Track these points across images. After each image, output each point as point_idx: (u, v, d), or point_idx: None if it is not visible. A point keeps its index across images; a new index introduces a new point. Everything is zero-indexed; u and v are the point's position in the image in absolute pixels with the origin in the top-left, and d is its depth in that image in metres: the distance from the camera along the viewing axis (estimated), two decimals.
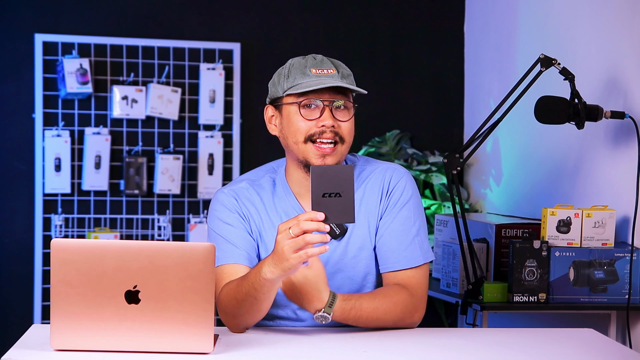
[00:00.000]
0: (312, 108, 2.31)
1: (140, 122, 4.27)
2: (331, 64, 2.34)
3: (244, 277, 2.22)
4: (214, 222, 2.39)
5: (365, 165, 2.44)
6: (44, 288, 4.17)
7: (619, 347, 2.29)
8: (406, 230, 2.37)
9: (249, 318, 2.25)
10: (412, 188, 2.41)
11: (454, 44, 4.57)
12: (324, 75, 2.31)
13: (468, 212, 4.14)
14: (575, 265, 3.08)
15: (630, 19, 3.19)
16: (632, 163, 3.12)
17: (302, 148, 2.32)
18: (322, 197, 2.04)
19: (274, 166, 2.47)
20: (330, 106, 2.31)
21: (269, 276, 2.11)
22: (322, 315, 2.20)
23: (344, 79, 2.32)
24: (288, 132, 2.34)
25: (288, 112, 2.34)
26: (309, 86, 2.29)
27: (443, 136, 4.57)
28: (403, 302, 2.30)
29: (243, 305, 2.21)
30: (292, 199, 2.39)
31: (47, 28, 4.21)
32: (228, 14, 4.40)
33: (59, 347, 2.00)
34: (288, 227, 2.05)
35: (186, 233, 4.33)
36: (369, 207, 2.39)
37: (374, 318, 2.27)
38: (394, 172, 2.41)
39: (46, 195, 4.20)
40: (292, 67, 2.34)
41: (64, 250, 1.97)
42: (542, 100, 3.08)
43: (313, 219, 2.04)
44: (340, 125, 2.32)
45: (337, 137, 2.31)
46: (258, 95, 4.41)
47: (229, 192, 2.41)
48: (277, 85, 2.36)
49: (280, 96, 2.36)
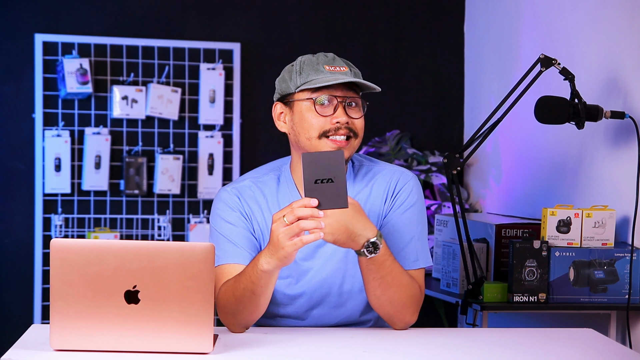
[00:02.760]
0: (325, 105, 2.31)
1: (140, 122, 4.27)
2: (342, 62, 2.34)
3: (241, 273, 2.22)
4: (216, 221, 2.39)
5: (373, 165, 2.44)
6: (44, 288, 4.17)
7: (619, 348, 2.29)
8: (408, 232, 2.37)
9: (247, 315, 2.24)
10: (419, 193, 2.41)
11: (454, 44, 4.57)
12: (337, 72, 2.31)
13: (468, 212, 4.14)
14: (575, 265, 3.08)
15: (630, 19, 3.19)
16: (632, 163, 3.12)
17: (316, 144, 2.31)
18: (315, 183, 2.06)
19: (278, 164, 2.46)
20: (343, 103, 2.31)
21: (266, 267, 2.12)
22: (373, 242, 2.16)
23: (355, 77, 2.32)
24: (300, 128, 2.33)
25: (300, 108, 2.33)
26: (325, 81, 2.28)
27: (443, 136, 4.57)
28: (415, 291, 2.31)
29: (241, 301, 2.21)
30: (296, 196, 2.38)
31: (47, 28, 4.21)
32: (228, 14, 4.40)
33: (59, 347, 2.00)
34: (282, 215, 2.06)
35: (186, 233, 4.33)
36: (374, 206, 2.39)
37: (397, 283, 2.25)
38: (401, 174, 2.41)
39: (46, 195, 4.20)
40: (303, 64, 2.34)
41: (63, 250, 1.97)
42: (542, 100, 3.08)
43: (307, 206, 2.05)
44: (354, 122, 2.32)
45: (351, 133, 2.31)
46: (258, 95, 4.41)
47: (231, 190, 2.40)
48: (289, 81, 2.34)
49: (291, 92, 2.34)
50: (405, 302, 2.30)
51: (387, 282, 2.25)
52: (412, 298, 2.31)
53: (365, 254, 2.18)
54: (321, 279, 2.37)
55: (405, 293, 2.29)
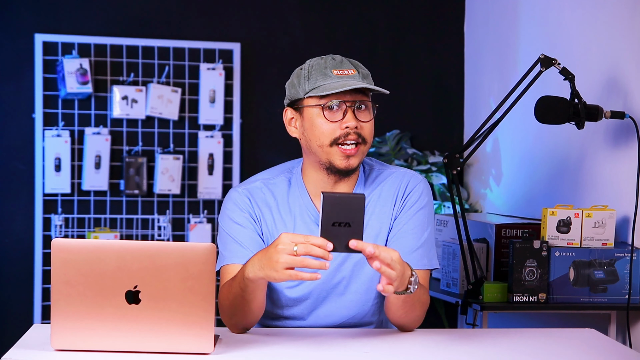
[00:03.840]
0: (334, 110, 2.30)
1: (140, 122, 4.27)
2: (351, 65, 2.33)
3: (234, 277, 2.22)
4: (225, 221, 2.38)
5: (383, 169, 2.44)
6: (44, 288, 4.17)
7: (620, 348, 2.29)
8: (418, 234, 2.37)
9: (241, 318, 2.25)
10: (428, 196, 2.41)
11: (454, 44, 4.57)
12: (345, 77, 2.30)
13: (468, 212, 4.14)
14: (575, 265, 3.08)
15: (630, 19, 3.19)
16: (632, 163, 3.12)
17: (327, 151, 2.30)
18: (332, 225, 2.03)
19: (289, 167, 2.45)
20: (352, 107, 2.30)
21: (251, 276, 2.10)
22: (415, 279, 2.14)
23: (364, 79, 2.31)
24: (312, 135, 2.32)
25: (310, 114, 2.32)
26: (332, 88, 2.27)
27: (443, 136, 4.57)
28: (427, 300, 2.33)
29: (234, 304, 2.22)
30: (306, 199, 2.38)
31: (47, 28, 4.21)
32: (228, 14, 4.40)
33: (60, 347, 2.00)
34: (293, 242, 2.02)
35: (186, 233, 4.33)
36: (384, 209, 2.39)
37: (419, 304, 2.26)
38: (411, 177, 2.41)
39: (46, 195, 4.20)
40: (311, 69, 2.32)
41: (64, 250, 1.97)
42: (542, 100, 3.08)
43: (322, 247, 2.01)
44: (363, 127, 2.31)
45: (360, 138, 2.30)
46: (258, 95, 4.41)
47: (242, 191, 2.39)
48: (298, 87, 2.34)
49: (300, 98, 2.33)
50: (421, 316, 2.33)
51: (412, 305, 2.26)
52: (425, 307, 2.32)
53: (411, 291, 2.15)
54: (326, 281, 2.37)
55: (423, 309, 2.31)
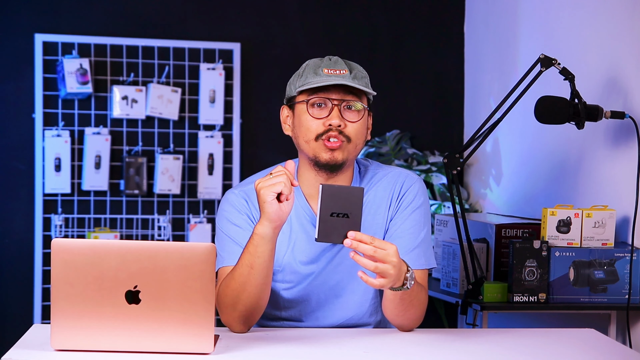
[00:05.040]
0: (322, 107, 2.32)
1: (140, 122, 4.27)
2: (345, 65, 2.33)
3: (239, 258, 2.24)
4: (222, 223, 2.39)
5: (378, 170, 2.45)
6: (44, 288, 4.17)
7: (620, 348, 2.29)
8: (414, 234, 2.37)
9: (246, 299, 2.22)
10: (424, 196, 2.42)
11: (454, 44, 4.57)
12: (334, 75, 2.31)
13: (468, 212, 4.14)
14: (575, 265, 3.08)
15: (630, 19, 3.19)
16: (632, 163, 3.12)
17: (313, 146, 2.32)
18: (330, 216, 2.05)
19: None
20: (339, 106, 2.31)
21: (260, 229, 2.16)
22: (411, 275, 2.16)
23: (355, 80, 2.32)
24: (299, 131, 2.34)
25: (299, 111, 2.35)
26: (315, 83, 2.30)
27: (443, 136, 4.57)
28: (425, 299, 2.33)
29: (239, 281, 2.21)
30: (302, 200, 2.39)
31: (47, 28, 4.21)
32: (228, 14, 4.40)
33: (60, 347, 2.00)
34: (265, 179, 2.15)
35: (186, 233, 4.33)
36: (379, 209, 2.39)
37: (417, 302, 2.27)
38: (406, 177, 2.42)
39: (46, 195, 4.20)
40: (307, 67, 2.36)
41: (64, 250, 1.97)
42: (542, 100, 3.08)
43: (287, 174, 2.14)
44: (347, 125, 2.31)
45: (343, 137, 2.31)
46: (258, 95, 4.41)
47: (239, 192, 2.40)
48: (292, 84, 2.38)
49: (293, 95, 2.36)
50: (420, 315, 2.33)
51: (409, 303, 2.26)
52: (423, 306, 2.32)
53: (407, 287, 2.17)
54: (323, 283, 2.37)
55: (421, 308, 2.31)
